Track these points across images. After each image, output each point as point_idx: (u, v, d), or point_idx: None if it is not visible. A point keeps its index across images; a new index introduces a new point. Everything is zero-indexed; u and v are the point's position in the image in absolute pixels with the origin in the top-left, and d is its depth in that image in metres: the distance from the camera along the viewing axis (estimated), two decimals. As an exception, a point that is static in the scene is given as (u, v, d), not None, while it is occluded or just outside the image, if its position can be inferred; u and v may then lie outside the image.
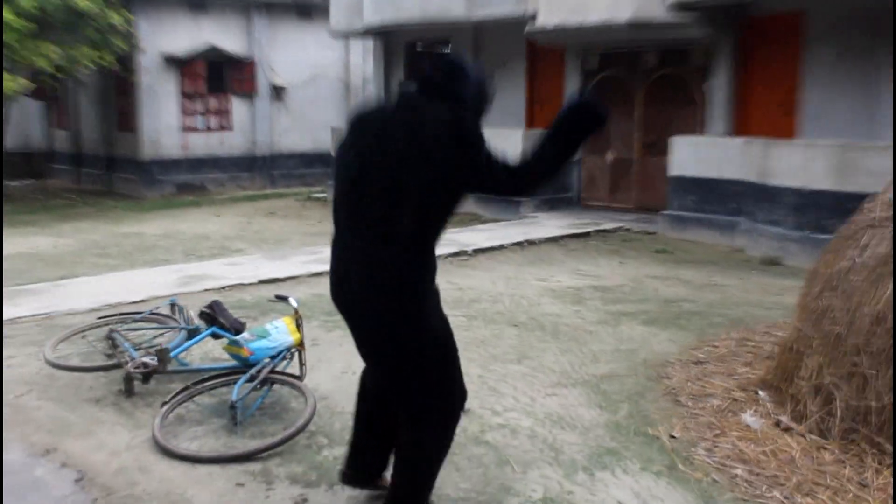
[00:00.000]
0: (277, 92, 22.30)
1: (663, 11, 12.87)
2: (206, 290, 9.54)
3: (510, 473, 4.78)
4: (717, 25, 13.21)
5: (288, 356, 6.04)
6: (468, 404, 5.80)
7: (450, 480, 4.68)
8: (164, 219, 16.42)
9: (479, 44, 16.97)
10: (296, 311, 6.09)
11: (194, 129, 21.45)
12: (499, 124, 16.22)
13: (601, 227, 13.13)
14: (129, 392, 6.14)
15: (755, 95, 13.58)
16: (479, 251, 11.60)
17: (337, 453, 5.06)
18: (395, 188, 3.73)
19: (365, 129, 3.95)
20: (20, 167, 25.62)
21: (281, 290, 9.49)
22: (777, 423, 5.28)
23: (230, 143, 21.99)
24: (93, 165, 23.57)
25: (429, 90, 3.96)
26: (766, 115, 13.38)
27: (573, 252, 11.69)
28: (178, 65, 20.89)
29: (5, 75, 16.78)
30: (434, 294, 4.09)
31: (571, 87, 15.48)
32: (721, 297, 9.00)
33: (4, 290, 9.77)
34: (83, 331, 7.04)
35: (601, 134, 4.16)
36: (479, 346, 7.27)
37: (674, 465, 4.87)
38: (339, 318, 8.07)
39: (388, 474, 4.30)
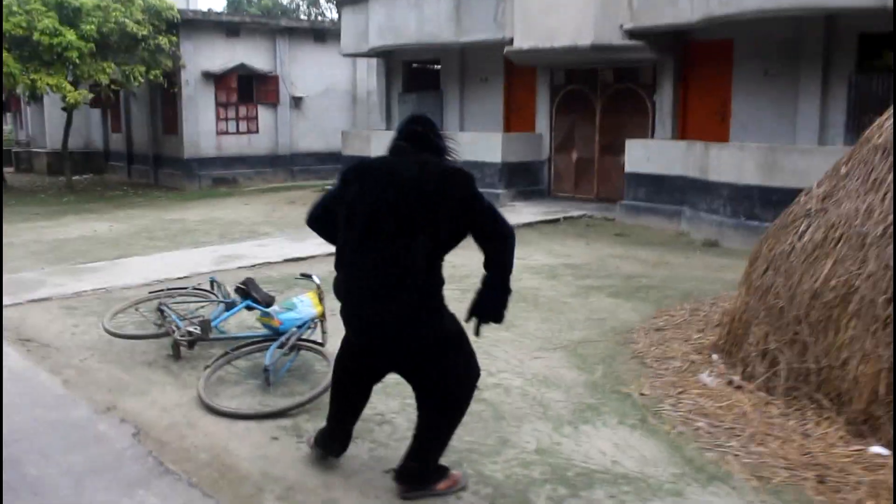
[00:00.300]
0: (296, 102, 21.89)
1: (619, 37, 12.64)
2: (240, 267, 9.25)
3: (506, 427, 4.55)
4: (663, 49, 12.98)
5: (312, 326, 5.78)
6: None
7: (455, 434, 4.43)
8: (202, 207, 16.05)
9: (465, 62, 16.64)
10: (318, 287, 5.83)
11: (227, 133, 21.03)
12: (482, 128, 15.98)
13: (569, 214, 12.86)
14: (176, 356, 5.89)
15: (694, 106, 13.36)
16: (466, 235, 11.33)
17: (357, 410, 4.81)
18: (408, 230, 3.57)
19: (373, 179, 3.72)
20: (82, 164, 25.12)
21: (302, 267, 9.21)
22: (730, 382, 5.07)
23: (257, 143, 21.59)
24: (142, 163, 23.13)
25: (417, 143, 3.78)
26: (704, 122, 13.17)
27: (546, 235, 11.44)
28: (215, 79, 20.45)
29: (69, 87, 16.36)
30: (444, 305, 3.91)
31: (542, 97, 15.20)
32: (672, 274, 8.78)
33: (71, 266, 9.47)
34: (136, 303, 6.75)
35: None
36: (472, 315, 7.02)
37: (645, 419, 4.65)
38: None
39: None
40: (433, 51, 16.73)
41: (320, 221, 4.07)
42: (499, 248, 3.85)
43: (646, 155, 12.37)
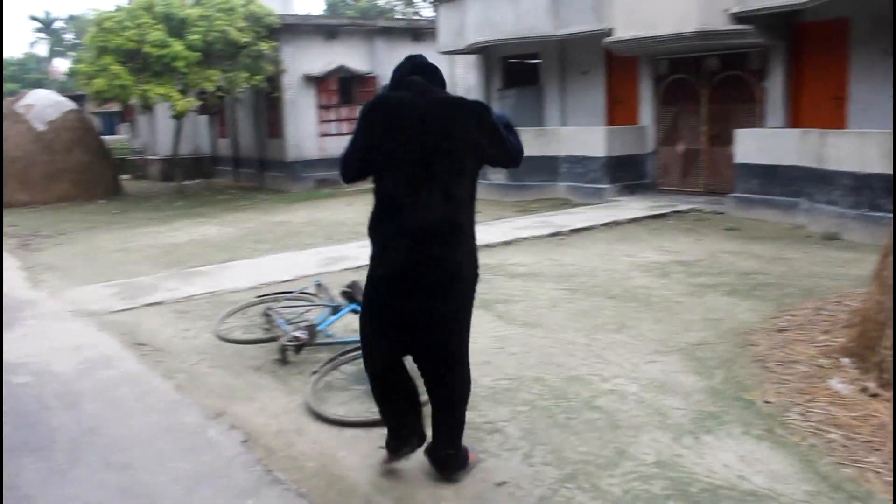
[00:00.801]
0: (395, 101, 22.00)
1: (725, 22, 12.10)
2: (345, 269, 9.25)
3: (623, 437, 4.31)
4: (772, 32, 12.34)
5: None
6: (577, 371, 5.39)
7: (568, 444, 4.25)
8: (306, 209, 16.29)
9: (564, 55, 16.31)
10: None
11: (329, 134, 21.30)
12: (583, 123, 15.64)
13: (676, 209, 12.41)
14: (283, 361, 5.88)
15: (807, 92, 12.66)
16: (573, 231, 11.06)
17: (468, 418, 4.60)
18: (458, 167, 3.61)
19: (408, 119, 3.60)
20: (192, 169, 25.96)
21: (405, 268, 9.19)
22: (864, 390, 4.68)
23: (358, 144, 21.77)
24: (248, 166, 23.71)
25: (432, 80, 3.71)
26: (818, 108, 12.46)
27: (654, 231, 11.05)
28: (315, 82, 20.76)
29: (177, 96, 16.88)
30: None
31: (645, 88, 14.71)
32: (790, 270, 8.30)
33: (183, 271, 9.70)
34: (244, 308, 6.82)
35: None
36: (583, 316, 6.79)
37: (772, 429, 4.33)
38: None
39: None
40: (531, 45, 16.47)
41: (361, 173, 3.88)
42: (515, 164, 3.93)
43: (757, 145, 11.79)
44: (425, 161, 3.56)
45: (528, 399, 4.91)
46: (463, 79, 22.48)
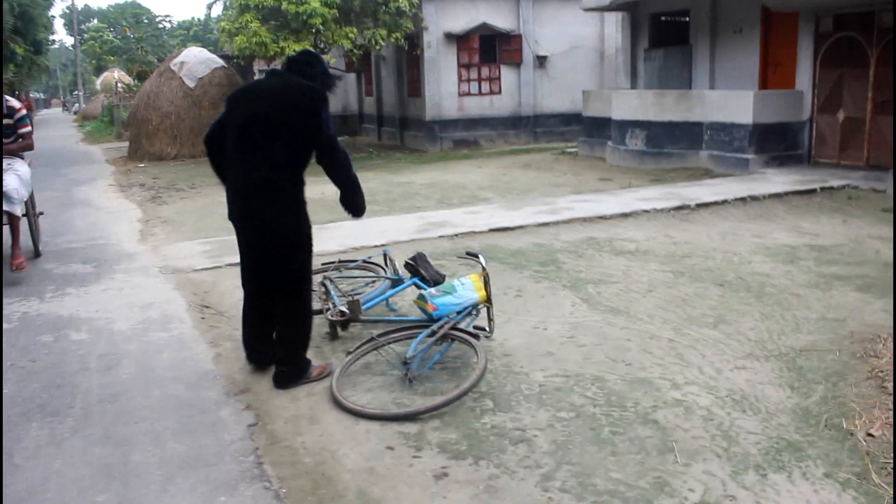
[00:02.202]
0: (540, 61, 21.07)
1: (905, -32, 10.44)
2: (441, 236, 8.74)
3: (670, 465, 3.54)
4: (965, -19, 10.56)
5: (473, 312, 5.06)
6: (647, 372, 4.61)
7: (602, 467, 3.53)
8: (435, 170, 15.84)
9: (717, 11, 14.86)
10: (483, 269, 5.07)
11: (469, 94, 20.73)
12: (734, 86, 14.24)
13: (827, 185, 10.95)
14: (332, 336, 5.46)
15: None
16: (701, 206, 9.98)
17: (498, 421, 4.05)
18: (271, 136, 4.40)
19: (246, 96, 4.64)
20: (339, 127, 26.19)
21: (509, 238, 8.55)
22: None
23: (499, 105, 21.11)
24: (390, 125, 23.61)
25: (292, 68, 4.65)
26: None
27: (795, 209, 9.78)
28: (457, 40, 20.18)
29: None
30: (304, 207, 4.67)
31: (805, 48, 13.06)
32: (950, 263, 6.99)
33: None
34: (307, 275, 6.41)
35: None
36: (679, 305, 5.93)
37: (865, 474, 3.42)
38: (548, 269, 7.06)
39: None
40: (681, 0, 15.13)
41: (213, 138, 4.75)
42: (332, 164, 4.74)
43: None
44: (246, 128, 4.45)
45: (576, 404, 4.21)
46: (613, 38, 21.24)
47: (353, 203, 5.00)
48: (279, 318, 4.72)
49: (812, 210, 9.65)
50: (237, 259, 7.93)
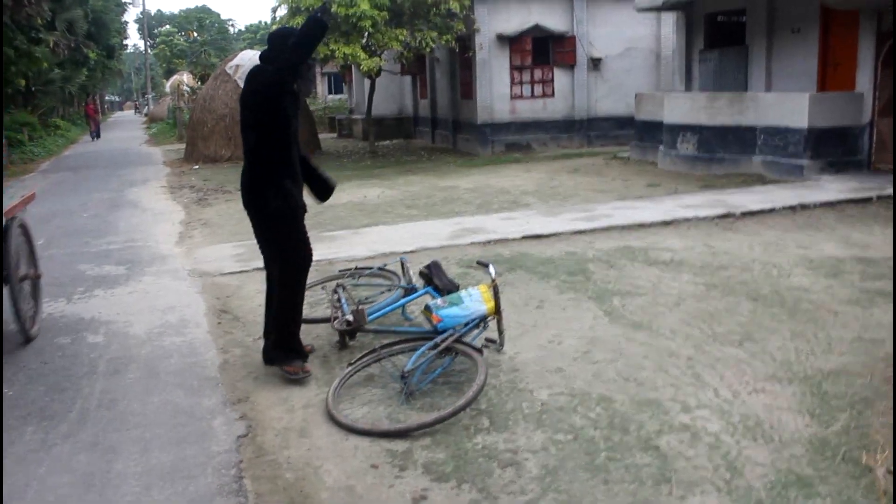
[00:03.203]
0: (594, 63, 20.68)
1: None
2: (472, 243, 8.55)
3: (664, 497, 3.30)
4: None
5: (482, 325, 4.88)
6: (659, 393, 4.36)
7: (590, 496, 3.32)
8: (483, 174, 15.64)
9: (774, 10, 14.31)
10: (493, 280, 4.88)
11: (521, 97, 20.45)
12: (791, 88, 13.71)
13: (885, 193, 10.37)
14: (342, 345, 5.33)
15: None
16: (746, 214, 9.57)
17: (490, 441, 3.86)
18: (245, 123, 4.78)
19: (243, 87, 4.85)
20: (394, 129, 26.31)
21: (541, 246, 8.33)
22: None
23: (552, 107, 20.77)
24: (444, 127, 23.48)
25: (262, 57, 4.81)
26: None
27: (848, 218, 9.29)
28: (509, 42, 19.92)
29: (363, 55, 16.77)
30: (283, 186, 4.74)
31: (865, 48, 12.46)
32: None
33: (316, 234, 9.43)
34: (323, 281, 6.34)
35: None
36: (705, 321, 5.63)
37: (881, 515, 3.14)
38: (576, 279, 6.85)
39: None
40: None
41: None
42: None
43: None
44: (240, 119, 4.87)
45: (576, 425, 3.99)
46: (670, 39, 20.71)
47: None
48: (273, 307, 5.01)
49: (865, 220, 9.16)
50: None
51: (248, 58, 20.63)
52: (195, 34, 61.34)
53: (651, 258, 7.61)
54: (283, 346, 4.87)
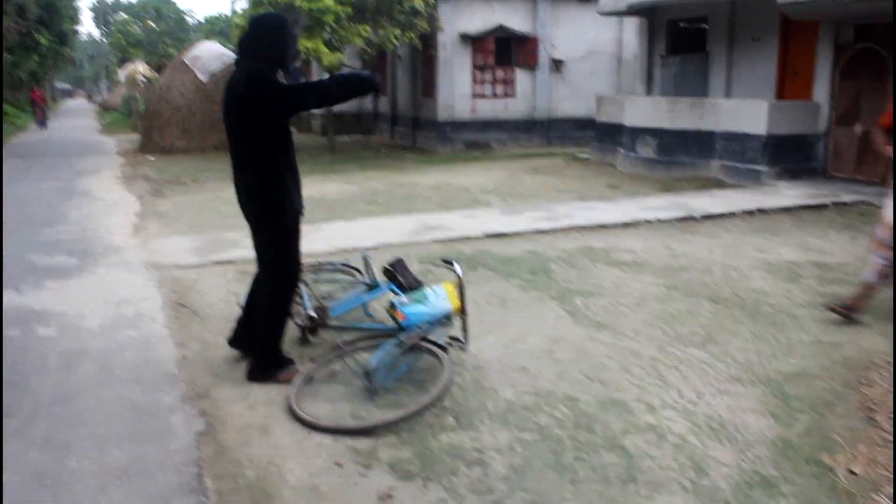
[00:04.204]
0: (556, 65, 20.82)
1: (930, -22, 10.08)
2: (434, 240, 8.51)
3: (631, 496, 3.30)
4: None
5: (446, 322, 4.83)
6: (623, 393, 4.37)
7: (557, 495, 3.31)
8: (442, 172, 15.61)
9: (735, 19, 14.53)
10: (459, 278, 4.84)
11: (483, 96, 20.51)
12: (751, 95, 13.93)
13: (840, 200, 10.61)
14: (304, 341, 5.24)
15: None
16: (706, 217, 9.70)
17: (456, 440, 3.83)
18: (231, 127, 4.46)
19: (224, 90, 4.57)
20: (353, 125, 26.12)
21: (504, 245, 8.32)
22: None
23: (513, 108, 20.87)
24: (404, 124, 23.42)
25: (240, 53, 4.48)
26: None
27: (804, 224, 9.46)
28: (472, 41, 19.98)
29: (325, 50, 16.61)
30: (278, 190, 4.47)
31: (823, 59, 12.72)
32: (960, 286, 6.68)
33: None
34: (285, 276, 6.21)
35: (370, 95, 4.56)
36: (667, 322, 5.67)
37: (843, 516, 3.18)
38: (538, 278, 6.82)
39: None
40: (699, 7, 14.85)
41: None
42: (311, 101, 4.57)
43: (950, 130, 9.81)
44: (225, 121, 4.55)
45: (542, 424, 3.97)
46: (632, 44, 20.94)
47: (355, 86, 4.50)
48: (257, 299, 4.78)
49: (821, 226, 9.33)
50: (224, 256, 7.91)
51: (208, 49, 20.49)
52: (152, 23, 60.28)
53: (612, 259, 7.65)
54: (269, 358, 4.63)
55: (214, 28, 75.86)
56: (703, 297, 6.31)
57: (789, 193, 11.21)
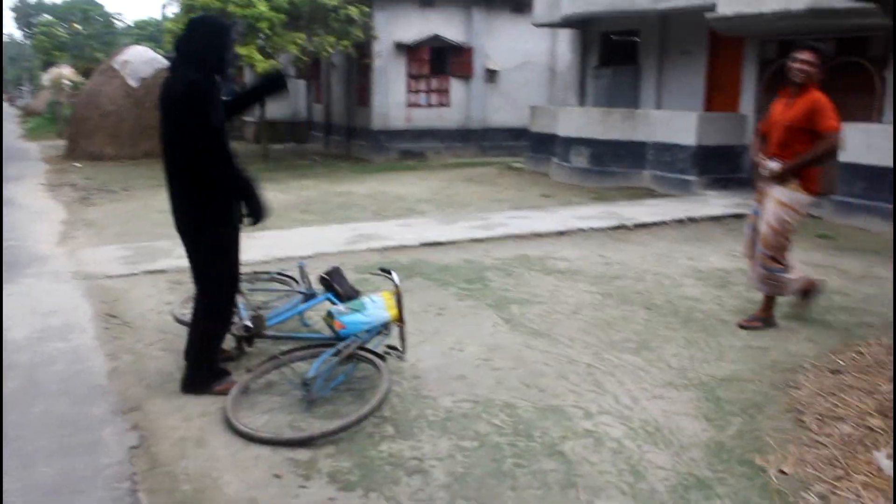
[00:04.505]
0: (491, 75, 20.99)
1: (843, -1, 10.53)
2: (369, 249, 8.48)
3: (572, 501, 3.34)
4: (902, 13, 10.64)
5: (384, 331, 4.82)
6: (561, 399, 4.42)
7: (499, 502, 3.32)
8: (377, 181, 15.57)
9: (665, 32, 14.91)
10: (396, 287, 4.82)
11: (417, 105, 20.54)
12: (680, 107, 14.27)
13: (765, 209, 10.96)
14: (239, 351, 5.15)
15: (940, 85, 10.90)
16: (638, 226, 9.89)
17: (396, 449, 3.81)
18: (165, 137, 4.32)
19: (159, 96, 4.33)
20: (287, 134, 25.84)
21: (439, 254, 8.33)
22: (918, 471, 3.53)
23: (448, 117, 20.95)
24: (338, 133, 23.29)
25: (177, 55, 4.30)
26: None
27: (732, 232, 9.72)
28: (407, 51, 19.99)
29: (258, 57, 16.41)
30: (214, 203, 4.34)
31: (749, 73, 13.17)
32: (878, 292, 6.95)
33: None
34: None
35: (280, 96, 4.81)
36: (603, 329, 5.76)
37: (774, 515, 3.27)
38: (474, 286, 6.84)
39: None
40: (630, 20, 15.17)
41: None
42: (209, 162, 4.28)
43: (866, 142, 10.21)
44: (161, 131, 4.38)
45: (481, 432, 3.99)
46: (565, 55, 21.24)
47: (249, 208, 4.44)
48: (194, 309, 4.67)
49: (748, 234, 9.60)
50: (156, 266, 7.73)
51: (139, 54, 19.99)
52: (78, 26, 58.64)
53: (547, 267, 7.73)
54: (205, 370, 4.54)
55: (144, 32, 74.29)
56: (636, 305, 6.43)
57: (718, 202, 11.52)
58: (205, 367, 4.55)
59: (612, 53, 16.73)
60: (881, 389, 4.51)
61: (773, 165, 5.69)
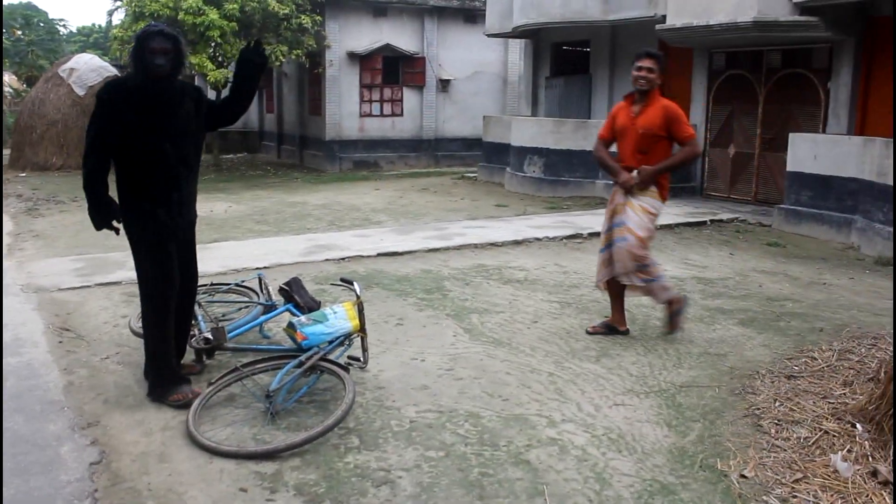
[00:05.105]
0: (443, 84, 21.08)
1: (787, 12, 10.82)
2: (327, 259, 8.44)
3: (538, 509, 3.37)
4: (841, 27, 11.00)
5: (346, 342, 4.81)
6: (524, 408, 4.45)
7: (467, 512, 3.33)
8: (331, 191, 15.52)
9: (615, 43, 15.16)
10: (357, 298, 4.82)
11: (370, 115, 20.52)
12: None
13: (717, 217, 11.21)
14: (200, 364, 5.07)
15: (878, 96, 11.26)
16: (593, 235, 9.98)
17: (362, 460, 3.79)
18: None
19: (150, 105, 4.45)
20: (239, 143, 25.60)
21: (397, 264, 8.33)
22: (874, 473, 3.63)
23: (401, 127, 20.97)
24: (290, 143, 23.15)
25: (170, 63, 4.37)
26: (889, 115, 11.07)
27: (685, 240, 9.92)
28: (359, 60, 19.96)
29: (210, 66, 16.27)
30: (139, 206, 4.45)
31: (698, 83, 13.47)
32: (828, 298, 7.14)
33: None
34: (176, 298, 6.03)
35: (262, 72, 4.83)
36: (563, 338, 5.81)
37: (736, 518, 3.34)
38: (433, 296, 6.84)
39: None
40: (581, 31, 15.37)
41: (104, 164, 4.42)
42: None
43: (813, 151, 10.51)
44: (173, 145, 4.51)
45: (447, 442, 4.00)
46: (517, 65, 21.45)
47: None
48: None
49: (701, 242, 9.80)
50: (109, 278, 7.60)
51: (85, 62, 19.63)
52: (19, 32, 57.28)
53: (505, 277, 7.79)
54: (161, 378, 4.56)
55: (89, 40, 72.91)
56: (594, 313, 6.51)
57: (669, 212, 11.69)
58: (159, 374, 4.56)
59: (564, 63, 16.94)
60: (834, 394, 4.64)
61: (635, 174, 5.64)
